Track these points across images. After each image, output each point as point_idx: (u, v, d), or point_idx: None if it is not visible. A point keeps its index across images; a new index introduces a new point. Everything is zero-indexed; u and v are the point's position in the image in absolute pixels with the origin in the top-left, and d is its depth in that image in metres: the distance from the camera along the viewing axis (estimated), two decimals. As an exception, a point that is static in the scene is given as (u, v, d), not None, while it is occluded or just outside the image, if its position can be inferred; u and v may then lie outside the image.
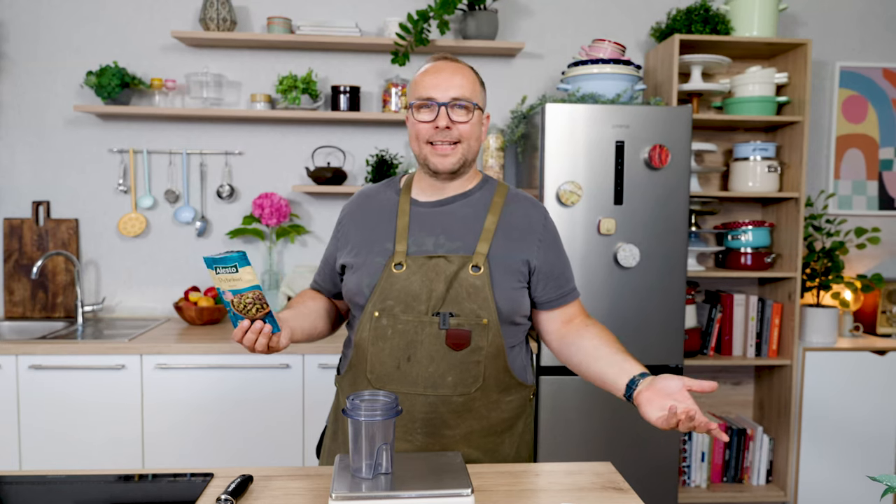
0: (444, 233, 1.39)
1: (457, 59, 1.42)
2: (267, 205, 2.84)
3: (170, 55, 2.93)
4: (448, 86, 1.36)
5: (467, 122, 1.37)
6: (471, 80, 1.39)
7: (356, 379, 1.40)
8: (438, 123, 1.35)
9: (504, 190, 1.46)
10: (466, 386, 1.34)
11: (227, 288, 1.20)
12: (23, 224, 2.91)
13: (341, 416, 1.46)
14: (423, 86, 1.37)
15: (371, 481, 1.11)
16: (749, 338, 2.94)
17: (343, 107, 2.85)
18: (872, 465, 2.88)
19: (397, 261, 1.37)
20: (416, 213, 1.42)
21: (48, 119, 2.91)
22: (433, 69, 1.39)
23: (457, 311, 1.34)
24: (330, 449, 1.48)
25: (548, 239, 1.44)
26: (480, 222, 1.40)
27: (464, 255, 1.37)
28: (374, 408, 1.13)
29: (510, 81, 3.04)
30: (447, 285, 1.34)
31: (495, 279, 1.36)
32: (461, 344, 1.33)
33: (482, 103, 1.42)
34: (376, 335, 1.36)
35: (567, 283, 1.46)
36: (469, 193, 1.44)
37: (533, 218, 1.44)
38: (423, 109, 1.37)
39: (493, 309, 1.35)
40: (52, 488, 1.24)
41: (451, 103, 1.35)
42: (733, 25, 2.86)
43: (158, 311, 2.99)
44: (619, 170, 2.45)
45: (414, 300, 1.34)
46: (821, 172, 3.19)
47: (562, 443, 2.49)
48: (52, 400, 2.38)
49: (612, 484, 1.29)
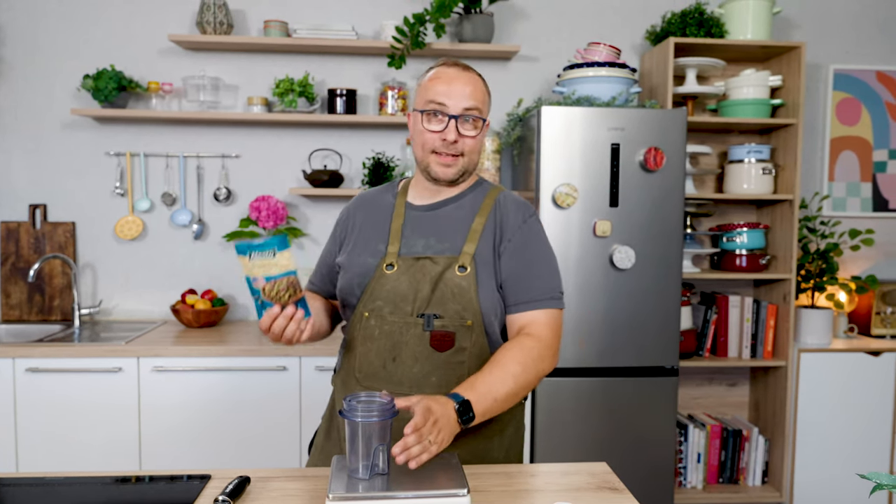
0: (434, 235, 1.41)
1: (468, 66, 1.41)
2: (264, 207, 2.85)
3: (167, 59, 2.94)
4: (461, 96, 1.35)
5: (474, 137, 1.38)
6: (481, 91, 1.39)
7: (347, 378, 1.43)
8: (447, 136, 1.35)
9: (496, 192, 1.47)
10: (451, 386, 1.35)
11: (261, 274, 1.14)
12: (19, 227, 2.91)
13: (336, 415, 1.47)
14: (435, 92, 1.36)
15: (368, 482, 1.12)
16: (744, 339, 2.95)
17: (340, 110, 2.85)
18: (867, 466, 2.89)
19: (388, 262, 1.39)
20: (411, 216, 1.44)
21: (45, 122, 2.91)
22: (446, 77, 1.37)
23: (441, 312, 1.35)
24: (323, 446, 1.49)
25: (517, 241, 1.40)
26: (469, 223, 1.41)
27: (450, 255, 1.38)
28: (370, 409, 1.14)
29: (506, 84, 3.05)
30: (432, 286, 1.35)
31: (481, 279, 1.37)
32: (445, 345, 1.35)
33: (488, 115, 1.43)
34: (364, 335, 1.38)
35: (526, 292, 1.37)
36: (461, 196, 1.45)
37: (511, 220, 1.42)
38: (432, 119, 1.37)
39: (478, 310, 1.36)
40: (49, 490, 1.24)
41: (462, 116, 1.36)
42: (728, 28, 2.87)
43: (155, 314, 2.99)
44: (615, 172, 2.47)
45: (402, 301, 1.36)
46: (815, 174, 3.21)
47: (558, 444, 2.50)
48: (50, 402, 2.39)
49: (607, 484, 1.29)
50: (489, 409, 1.24)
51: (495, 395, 1.25)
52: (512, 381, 1.27)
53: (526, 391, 1.33)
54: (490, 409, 1.25)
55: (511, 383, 1.27)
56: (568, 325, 2.47)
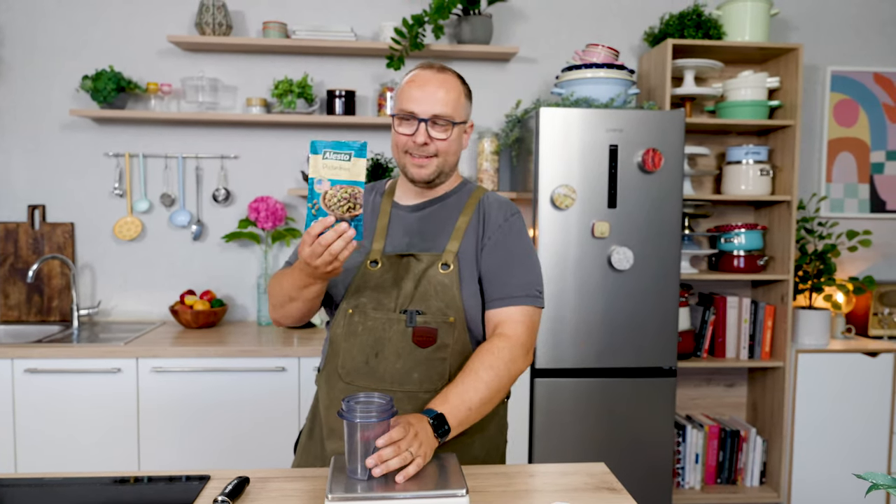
0: (418, 234, 1.43)
1: (444, 67, 1.41)
2: (263, 208, 2.85)
3: (166, 59, 2.94)
4: (431, 101, 1.36)
5: (445, 140, 1.39)
6: (454, 93, 1.38)
7: (330, 375, 1.43)
8: (416, 139, 1.37)
9: (480, 193, 1.49)
10: (432, 382, 1.36)
11: (327, 176, 1.08)
12: (18, 228, 2.91)
13: (318, 414, 1.47)
14: (406, 98, 1.38)
15: (366, 482, 1.12)
16: (742, 340, 2.96)
17: (338, 111, 2.86)
18: (865, 467, 2.90)
19: (373, 258, 1.41)
20: (396, 215, 1.46)
21: (44, 123, 2.91)
22: (418, 80, 1.38)
23: (424, 308, 1.36)
24: (305, 446, 1.50)
25: (496, 238, 1.42)
26: (453, 223, 1.43)
27: (434, 253, 1.40)
28: (368, 409, 1.14)
29: (505, 86, 3.06)
30: (415, 283, 1.37)
31: (464, 277, 1.39)
32: (427, 341, 1.36)
33: (464, 116, 1.42)
34: (348, 331, 1.40)
35: (502, 288, 1.38)
36: (446, 196, 1.47)
37: (493, 218, 1.44)
38: (403, 123, 1.38)
39: (461, 307, 1.37)
40: (47, 491, 1.24)
41: (431, 120, 1.36)
42: (725, 30, 2.88)
43: (154, 315, 2.99)
44: (613, 173, 2.47)
45: (385, 297, 1.38)
46: (812, 176, 3.22)
47: (556, 444, 2.50)
48: (48, 403, 2.38)
49: (605, 484, 1.30)
50: (465, 419, 1.27)
51: (469, 405, 1.27)
52: (484, 388, 1.29)
53: (501, 395, 1.35)
54: (466, 419, 1.28)
55: (483, 390, 1.29)
56: (566, 326, 2.47)
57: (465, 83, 1.44)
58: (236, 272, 3.01)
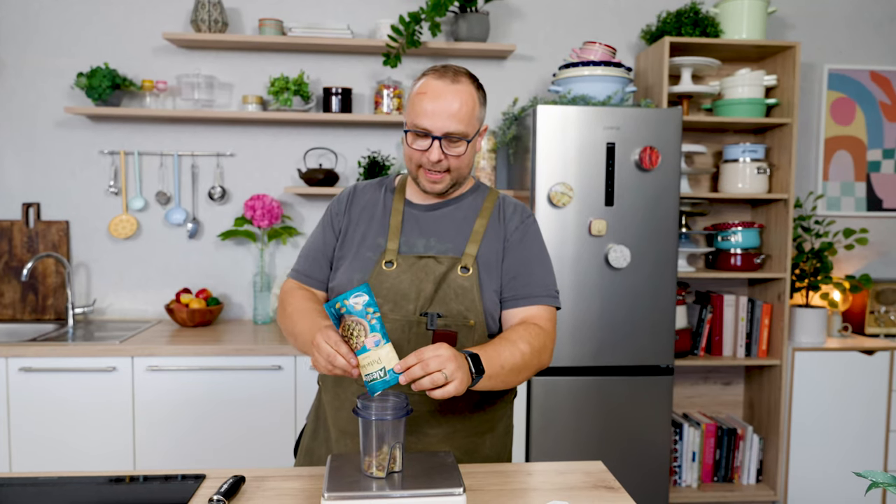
0: (434, 235, 1.41)
1: (458, 74, 1.35)
2: (259, 206, 2.84)
3: (161, 57, 2.93)
4: (445, 116, 1.30)
5: (459, 156, 1.35)
6: (469, 106, 1.33)
7: (341, 376, 1.39)
8: (430, 156, 1.33)
9: (494, 195, 1.48)
10: None
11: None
12: (13, 226, 2.89)
13: (322, 415, 1.46)
14: (419, 112, 1.32)
15: (364, 481, 1.12)
16: (739, 338, 2.96)
17: (335, 108, 2.85)
18: (861, 465, 2.91)
19: (388, 258, 1.38)
20: (409, 213, 1.44)
21: (38, 121, 2.90)
22: (433, 92, 1.32)
23: (444, 311, 1.35)
24: (309, 447, 1.48)
25: (514, 239, 1.42)
26: (470, 225, 1.42)
27: (453, 256, 1.38)
28: (384, 407, 1.14)
29: (501, 83, 3.05)
30: (436, 286, 1.35)
31: (483, 281, 1.37)
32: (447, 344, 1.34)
33: (479, 126, 1.38)
34: None
35: (524, 287, 1.39)
36: (461, 198, 1.45)
37: (511, 221, 1.44)
38: (417, 138, 1.34)
39: (480, 310, 1.36)
40: (42, 490, 1.23)
41: (445, 137, 1.32)
42: (723, 28, 2.88)
43: (150, 313, 2.98)
44: (610, 171, 2.47)
45: (403, 299, 1.35)
46: (809, 174, 3.22)
47: (553, 443, 2.50)
48: (43, 402, 2.37)
49: (602, 483, 1.29)
50: (495, 375, 1.24)
51: (502, 363, 1.25)
52: (519, 356, 1.28)
53: (527, 374, 1.32)
54: (496, 376, 1.24)
55: (518, 357, 1.27)
56: (563, 324, 2.47)
57: (479, 88, 1.39)
58: (232, 270, 3.00)
